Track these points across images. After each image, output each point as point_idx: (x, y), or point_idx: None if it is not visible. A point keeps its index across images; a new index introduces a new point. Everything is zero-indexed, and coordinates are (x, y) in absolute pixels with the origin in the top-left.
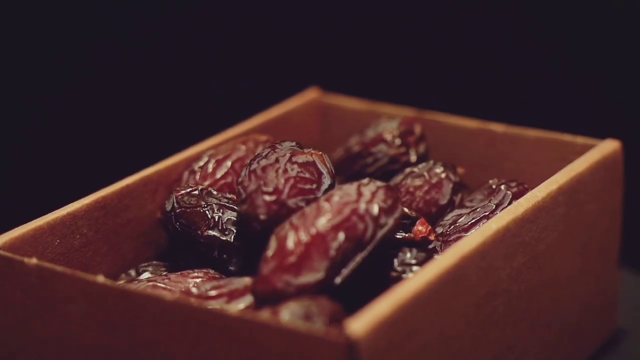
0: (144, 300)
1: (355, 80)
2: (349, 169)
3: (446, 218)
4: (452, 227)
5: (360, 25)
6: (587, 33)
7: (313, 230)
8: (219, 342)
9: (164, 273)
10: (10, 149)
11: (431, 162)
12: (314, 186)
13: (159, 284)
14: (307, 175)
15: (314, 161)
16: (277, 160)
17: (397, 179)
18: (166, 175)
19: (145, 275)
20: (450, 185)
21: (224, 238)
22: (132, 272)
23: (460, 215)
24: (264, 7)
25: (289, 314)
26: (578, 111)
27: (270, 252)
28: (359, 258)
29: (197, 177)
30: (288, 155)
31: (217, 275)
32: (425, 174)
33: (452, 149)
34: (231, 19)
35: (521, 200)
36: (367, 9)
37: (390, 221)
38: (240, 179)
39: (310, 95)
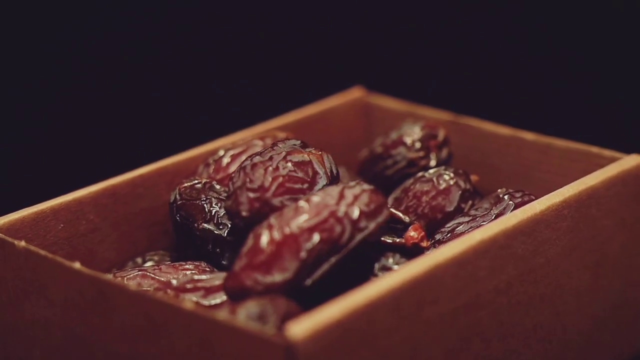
0: (111, 288)
1: (401, 82)
2: (370, 170)
3: (447, 225)
4: (449, 234)
5: (409, 28)
6: (632, 48)
7: (287, 230)
8: (175, 334)
9: (168, 262)
10: (24, 149)
11: (442, 167)
12: (305, 186)
13: (148, 274)
14: (300, 174)
15: (310, 161)
16: (270, 158)
17: (407, 183)
18: (185, 167)
19: (149, 264)
20: (459, 192)
21: (218, 232)
22: (139, 260)
23: (460, 223)
24: (315, 5)
25: (244, 312)
26: (621, 124)
27: (244, 249)
28: (333, 260)
29: (211, 170)
30: (283, 153)
31: (207, 269)
32: (434, 179)
33: (483, 155)
34: (284, 17)
35: (517, 211)
36: (416, 12)
37: (372, 225)
38: (232, 175)
39: (353, 94)
